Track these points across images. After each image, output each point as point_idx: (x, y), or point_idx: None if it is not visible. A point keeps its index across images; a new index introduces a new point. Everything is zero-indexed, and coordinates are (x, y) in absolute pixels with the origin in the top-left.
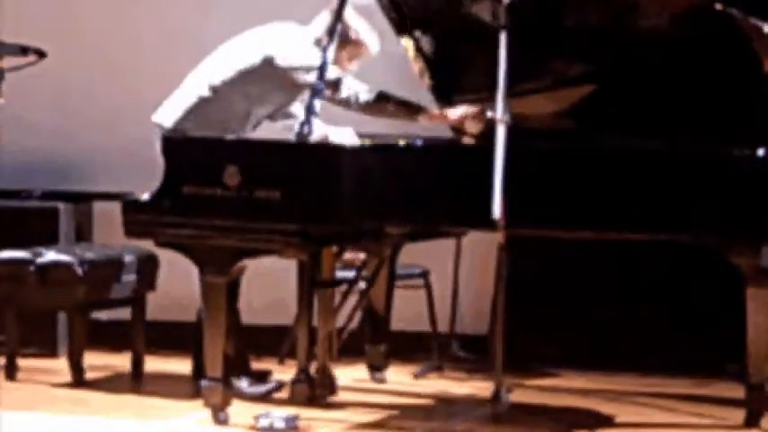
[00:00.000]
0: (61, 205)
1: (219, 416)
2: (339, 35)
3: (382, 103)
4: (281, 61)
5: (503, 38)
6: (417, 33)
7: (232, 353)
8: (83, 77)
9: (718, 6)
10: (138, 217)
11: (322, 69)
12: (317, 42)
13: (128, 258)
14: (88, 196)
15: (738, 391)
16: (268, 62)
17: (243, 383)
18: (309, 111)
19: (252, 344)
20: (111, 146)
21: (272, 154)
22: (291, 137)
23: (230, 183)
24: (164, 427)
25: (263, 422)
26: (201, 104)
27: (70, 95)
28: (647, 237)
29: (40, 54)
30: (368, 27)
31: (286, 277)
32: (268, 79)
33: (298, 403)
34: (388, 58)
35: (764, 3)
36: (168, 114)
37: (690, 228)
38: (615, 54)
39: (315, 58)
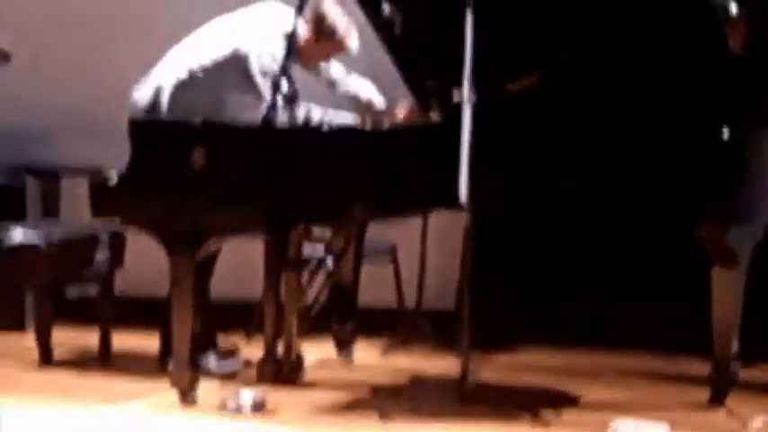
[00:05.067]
0: (28, 180)
1: (187, 397)
2: (318, 30)
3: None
4: (249, 61)
5: (469, 16)
6: (386, 10)
7: (200, 329)
8: (54, 51)
9: None
10: (105, 198)
11: (289, 51)
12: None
13: (96, 236)
14: (55, 171)
15: (703, 368)
16: (236, 57)
17: (210, 360)
18: (275, 91)
19: (219, 319)
20: (79, 119)
21: (238, 136)
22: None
23: (197, 164)
24: (126, 412)
25: (231, 404)
26: (178, 86)
27: (40, 70)
28: (616, 220)
29: (4, 56)
30: (348, 22)
31: (253, 251)
32: (240, 71)
33: (265, 383)
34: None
35: None
36: (144, 93)
37: (657, 210)
38: (583, 31)
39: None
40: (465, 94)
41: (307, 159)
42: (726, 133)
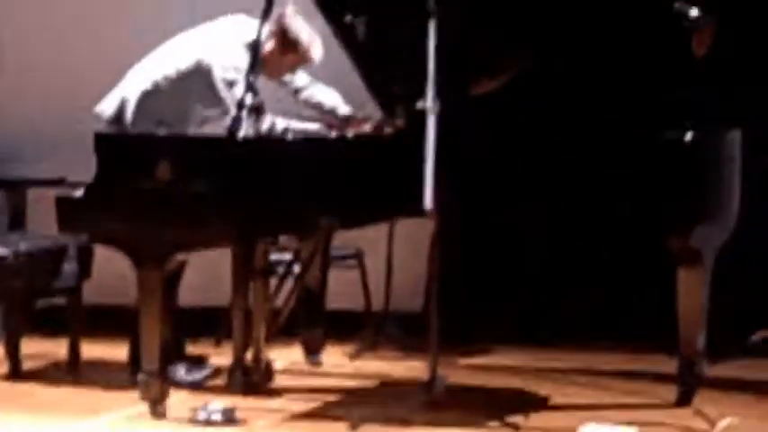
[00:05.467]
0: None
1: (157, 409)
2: (282, 42)
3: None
4: (213, 73)
5: (432, 26)
6: (347, 18)
7: (169, 337)
8: (18, 60)
9: None
10: (71, 213)
11: (253, 63)
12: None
13: (63, 247)
14: (23, 183)
15: (671, 366)
16: (200, 68)
17: (179, 370)
18: (240, 105)
19: (187, 325)
20: (44, 129)
21: (202, 148)
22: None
23: (162, 178)
24: (97, 426)
25: (201, 415)
26: (143, 98)
27: (5, 81)
28: (577, 224)
29: None
30: (312, 33)
31: (221, 258)
32: (204, 83)
33: (235, 392)
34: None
35: None
36: (109, 105)
37: (621, 211)
38: (545, 37)
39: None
40: (429, 103)
41: (272, 171)
42: (687, 135)
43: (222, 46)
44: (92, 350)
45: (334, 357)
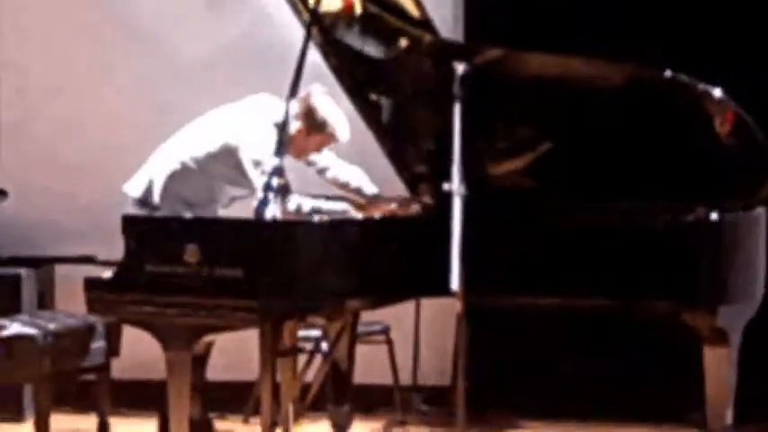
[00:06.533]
0: (23, 271)
1: None
2: (309, 123)
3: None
4: (240, 153)
5: (457, 109)
6: (372, 96)
7: (197, 415)
8: (42, 140)
9: (667, 74)
10: (100, 295)
11: (280, 144)
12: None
13: (91, 326)
14: (49, 261)
15: None
16: (228, 149)
17: None
18: (267, 188)
19: (216, 401)
20: (70, 209)
21: (230, 232)
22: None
23: (191, 261)
24: None
25: None
26: (170, 179)
27: (29, 158)
28: (604, 304)
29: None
30: (339, 114)
31: (248, 333)
32: (232, 163)
33: None
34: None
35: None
36: (137, 185)
37: (646, 294)
38: (570, 119)
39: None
40: (455, 186)
41: (299, 254)
42: (713, 215)
43: (249, 126)
44: (121, 426)
45: None
